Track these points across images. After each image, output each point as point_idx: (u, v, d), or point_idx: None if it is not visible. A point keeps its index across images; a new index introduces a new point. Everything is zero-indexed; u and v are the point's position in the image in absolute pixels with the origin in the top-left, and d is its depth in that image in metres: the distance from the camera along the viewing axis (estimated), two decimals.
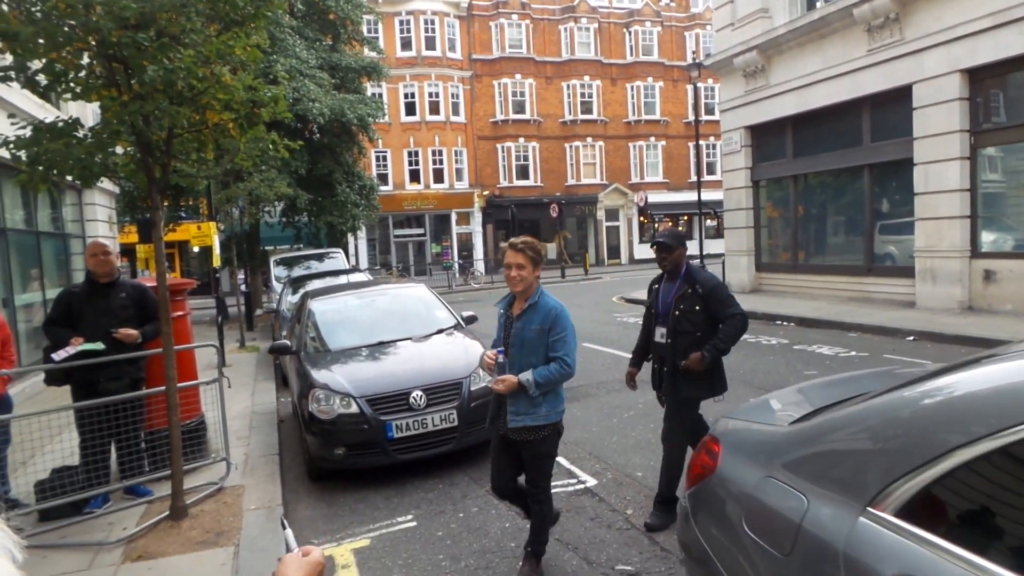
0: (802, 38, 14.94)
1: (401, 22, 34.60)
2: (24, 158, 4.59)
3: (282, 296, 12.97)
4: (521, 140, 36.93)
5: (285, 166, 16.83)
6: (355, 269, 16.61)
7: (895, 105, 13.19)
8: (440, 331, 6.97)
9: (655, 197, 38.52)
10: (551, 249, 37.52)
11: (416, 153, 35.52)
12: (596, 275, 31.67)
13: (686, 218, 39.54)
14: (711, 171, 36.98)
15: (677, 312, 4.47)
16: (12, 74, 4.70)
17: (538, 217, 36.94)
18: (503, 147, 36.81)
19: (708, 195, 22.57)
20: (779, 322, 13.17)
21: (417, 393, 5.74)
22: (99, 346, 5.13)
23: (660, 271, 4.71)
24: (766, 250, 17.55)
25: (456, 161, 36.10)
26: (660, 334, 4.64)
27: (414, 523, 4.92)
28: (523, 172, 37.16)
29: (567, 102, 37.81)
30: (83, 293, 5.42)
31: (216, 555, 4.41)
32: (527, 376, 3.67)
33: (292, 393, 7.61)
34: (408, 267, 35.19)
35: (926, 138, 12.45)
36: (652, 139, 39.20)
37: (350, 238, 27.86)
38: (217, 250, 12.86)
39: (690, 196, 34.17)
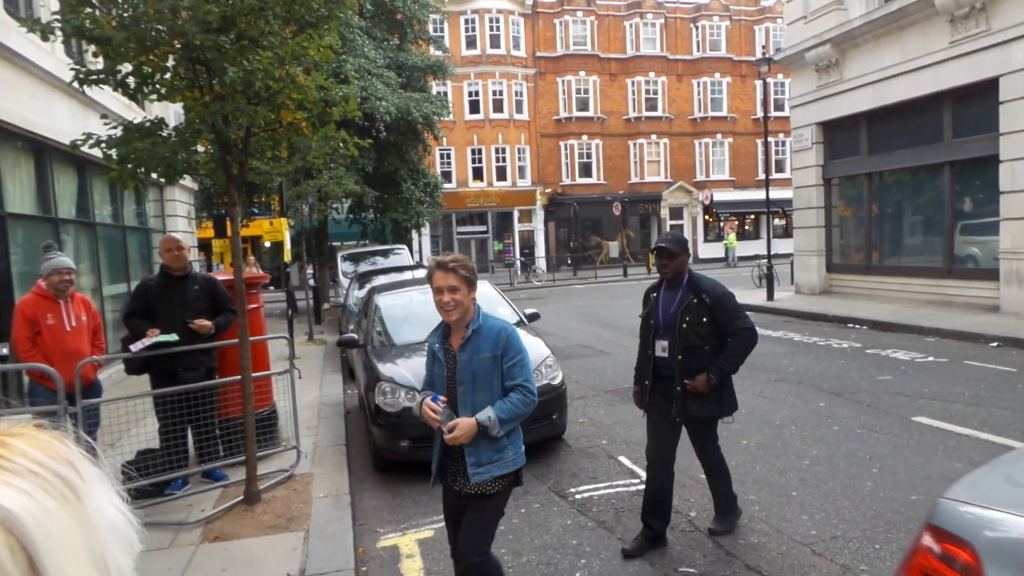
0: (879, 30, 14.37)
1: (466, 21, 34.90)
2: (115, 156, 4.86)
3: (349, 291, 13.29)
4: (584, 137, 36.74)
5: (352, 163, 17.21)
6: (419, 265, 16.86)
7: (979, 99, 12.55)
8: None
9: (721, 195, 37.74)
10: (613, 247, 37.25)
11: (479, 151, 35.79)
12: (656, 274, 31.22)
13: (753, 217, 38.62)
14: (780, 169, 35.99)
15: (684, 325, 4.10)
16: (104, 77, 4.99)
17: (600, 215, 36.70)
18: (566, 145, 36.71)
19: (776, 193, 21.95)
20: (851, 325, 12.73)
21: None
22: (173, 337, 5.38)
23: (660, 278, 4.37)
24: (838, 250, 16.98)
25: (519, 159, 36.21)
26: (661, 348, 4.21)
27: None
28: (586, 170, 36.98)
29: (631, 99, 37.41)
30: (159, 286, 5.69)
31: (287, 539, 4.58)
32: (487, 415, 3.02)
33: (359, 386, 7.81)
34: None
35: (1014, 134, 11.81)
36: (718, 136, 38.40)
37: (414, 235, 28.27)
38: (288, 245, 13.27)
39: (757, 194, 33.33)
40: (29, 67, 9.05)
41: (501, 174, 36.09)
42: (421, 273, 12.78)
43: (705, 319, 4.09)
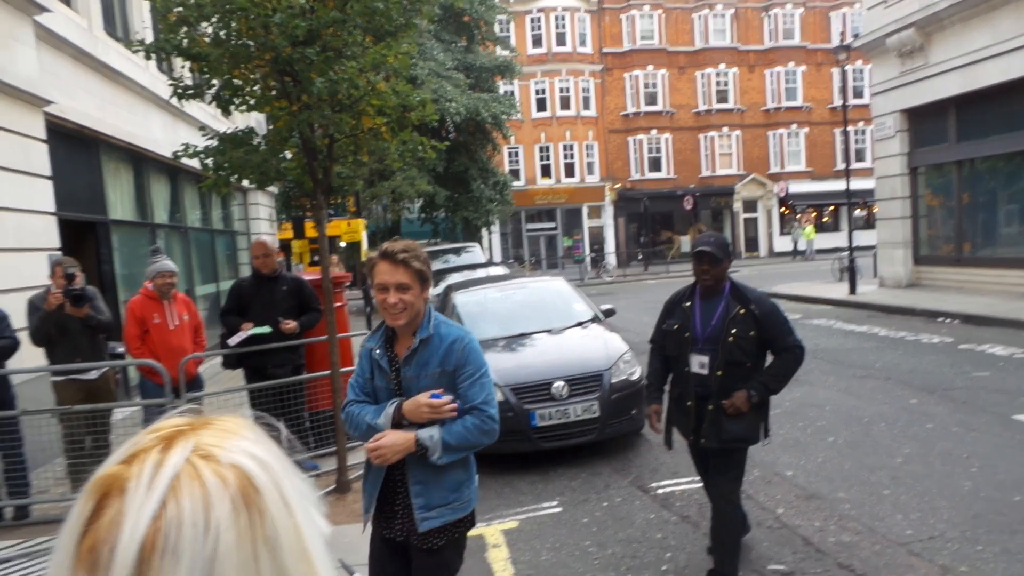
0: (967, 12, 13.63)
1: (532, 20, 34.97)
2: (211, 165, 5.15)
3: None
4: (653, 132, 36.26)
5: (423, 164, 17.58)
6: (491, 263, 17.06)
7: None
8: (579, 324, 7.06)
9: (797, 187, 36.55)
10: (684, 242, 36.62)
11: (547, 148, 35.82)
12: (733, 268, 30.42)
13: (832, 208, 37.25)
14: (860, 158, 34.58)
15: (730, 338, 3.60)
16: (198, 91, 5.29)
17: (671, 209, 36.16)
18: (634, 140, 36.32)
19: (857, 184, 21.15)
20: (941, 319, 12.15)
21: (559, 384, 5.87)
22: (266, 329, 5.68)
23: (690, 285, 3.90)
24: (925, 242, 16.21)
25: (587, 155, 36.05)
26: (699, 364, 3.71)
27: (559, 509, 5.05)
28: (655, 164, 36.49)
29: (701, 92, 36.67)
30: (251, 286, 6.01)
31: None
32: (431, 434, 2.41)
33: None
34: (540, 260, 35.58)
35: None
36: (793, 126, 37.19)
37: (484, 232, 28.60)
38: (365, 245, 13.66)
39: (835, 185, 32.15)
40: (127, 83, 9.64)
41: (569, 171, 36.02)
42: (496, 271, 12.94)
43: (752, 332, 3.61)
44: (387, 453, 2.39)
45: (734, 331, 3.60)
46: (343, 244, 20.47)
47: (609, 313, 7.46)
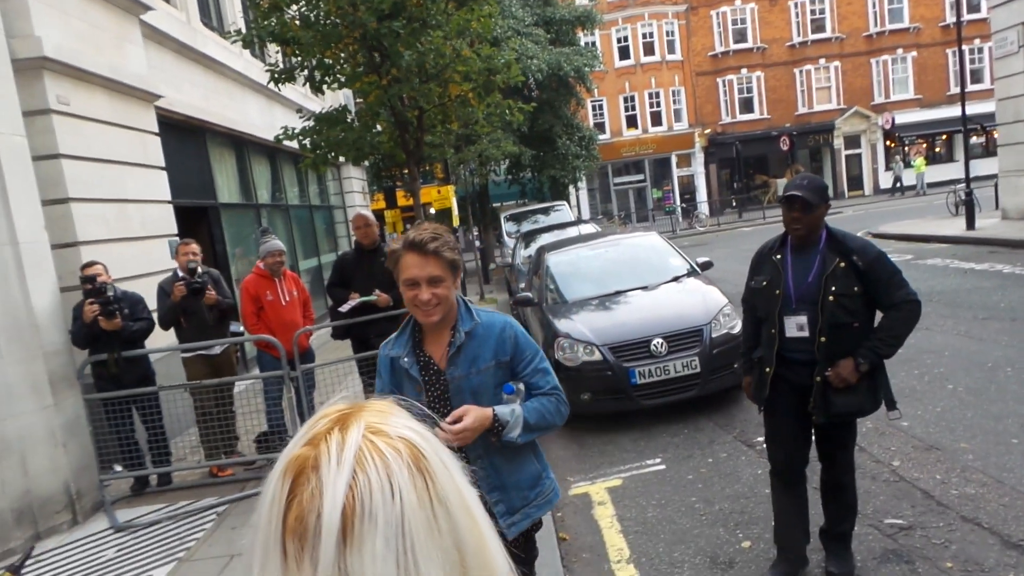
0: None
1: None
2: (308, 145, 5.37)
3: (515, 250, 13.68)
4: (744, 71, 34.56)
5: (508, 125, 17.54)
6: (580, 220, 16.96)
7: None
8: (675, 278, 6.96)
9: (904, 117, 34.02)
10: (781, 185, 35.02)
11: (632, 98, 34.88)
12: (836, 209, 29.00)
13: (944, 137, 34.52)
14: (976, 80, 31.72)
15: (831, 296, 3.10)
16: (293, 74, 5.49)
17: (765, 152, 34.59)
18: (724, 81, 34.76)
19: (973, 108, 19.45)
20: None
21: (658, 340, 5.83)
22: (372, 297, 5.93)
23: (783, 233, 3.35)
24: None
25: (674, 101, 34.87)
26: (796, 326, 3.21)
27: (663, 466, 5.08)
28: (747, 105, 34.86)
29: (795, 22, 34.48)
30: (353, 259, 6.25)
31: None
32: (511, 408, 2.20)
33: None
34: (630, 214, 35.02)
35: None
36: (899, 51, 34.46)
37: (571, 190, 28.38)
38: (456, 210, 13.87)
39: (948, 112, 29.77)
40: (225, 71, 10.08)
41: (656, 119, 35.00)
42: (587, 229, 12.87)
43: (856, 288, 3.10)
44: (471, 435, 2.11)
45: (834, 288, 3.10)
46: (433, 211, 20.87)
47: (706, 266, 7.30)
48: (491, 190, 23.93)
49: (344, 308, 6.01)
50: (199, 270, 5.67)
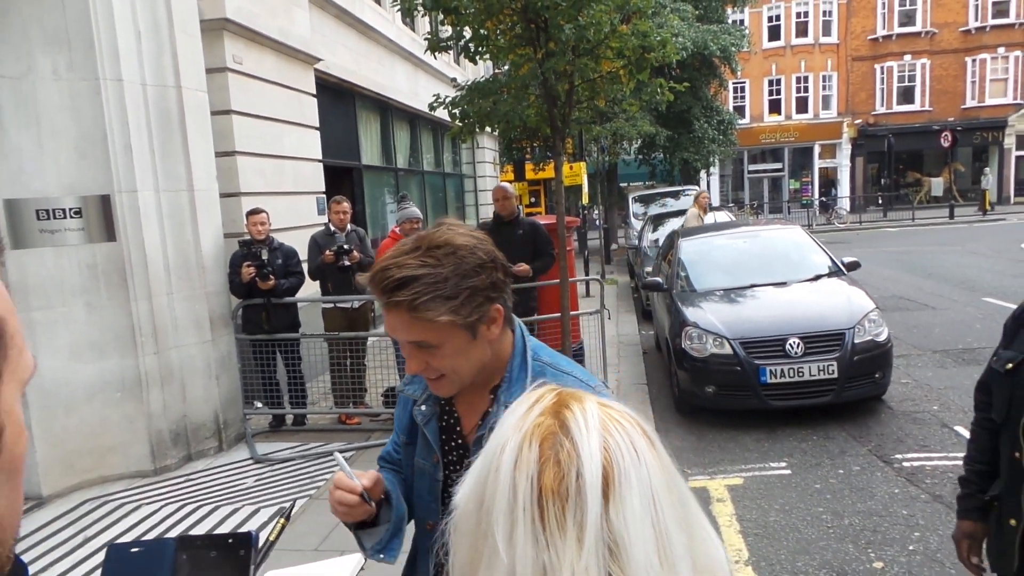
0: None
1: None
2: (458, 115, 5.48)
3: (642, 233, 13.45)
4: (907, 57, 31.87)
5: (644, 105, 17.12)
6: (711, 207, 16.40)
7: None
8: (818, 277, 6.61)
9: None
10: (936, 185, 32.28)
11: (778, 81, 33.10)
12: (999, 215, 26.41)
13: None
14: None
15: None
16: (448, 43, 5.60)
17: (922, 147, 31.94)
18: (882, 67, 32.23)
19: None
20: None
21: (794, 340, 5.57)
22: None
23: None
24: None
25: (824, 87, 32.77)
26: None
27: (788, 471, 4.88)
28: (906, 95, 32.19)
29: (972, 5, 31.29)
30: (491, 229, 6.35)
31: None
32: None
33: (658, 328, 7.98)
34: (762, 204, 33.50)
35: None
36: None
37: (702, 174, 27.43)
38: (586, 188, 13.80)
39: None
40: (378, 37, 10.46)
41: (801, 106, 33.08)
42: (721, 216, 12.45)
43: None
44: None
45: None
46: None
47: (852, 266, 6.87)
48: (620, 169, 23.58)
49: None
50: (346, 246, 5.99)
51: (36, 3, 4.65)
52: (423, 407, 1.47)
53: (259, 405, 6.18)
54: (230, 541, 0.64)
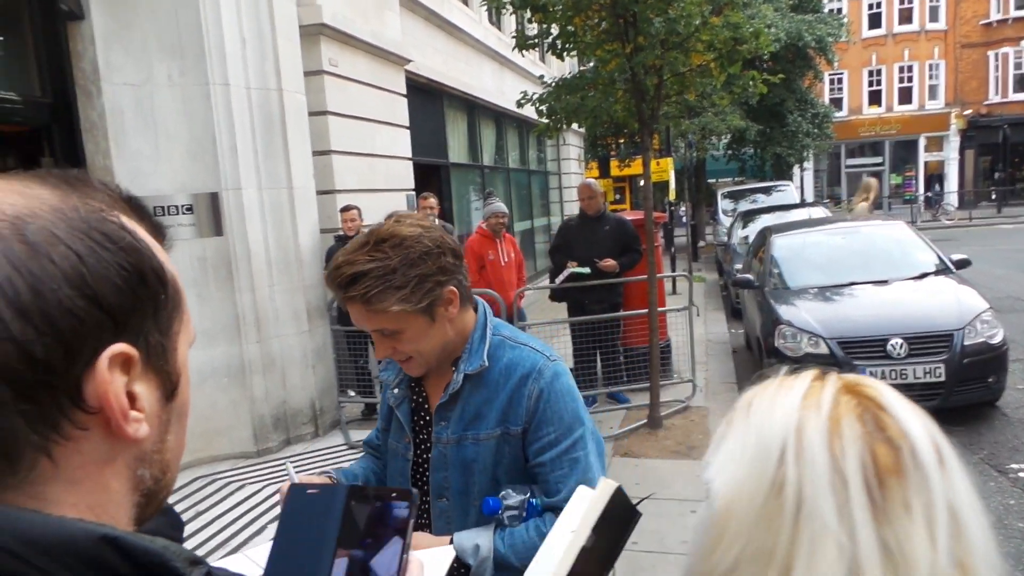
0: None
1: None
2: (545, 111, 5.50)
3: (732, 229, 13.11)
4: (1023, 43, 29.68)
5: (735, 99, 16.66)
6: (804, 203, 15.80)
7: None
8: (924, 275, 6.26)
9: None
10: None
11: (878, 72, 31.48)
12: None
13: None
14: None
15: None
16: (536, 40, 5.63)
17: None
18: (997, 54, 30.08)
19: None
20: None
21: (896, 341, 5.30)
22: (586, 270, 6.00)
23: None
24: None
25: (930, 76, 30.92)
26: None
27: None
28: (1023, 83, 29.94)
29: None
30: (576, 225, 6.37)
31: (691, 466, 4.86)
32: (478, 541, 1.40)
33: (749, 326, 7.76)
34: None
35: None
36: None
37: (796, 170, 26.42)
38: (673, 184, 13.57)
39: None
40: (465, 38, 10.63)
41: (904, 96, 31.34)
42: (816, 212, 11.98)
43: None
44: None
45: None
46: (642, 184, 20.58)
47: (962, 264, 6.46)
48: (709, 164, 23.04)
49: (558, 279, 6.17)
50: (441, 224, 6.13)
51: (154, 17, 4.99)
52: (396, 390, 1.56)
53: (352, 394, 6.40)
54: (394, 495, 0.68)
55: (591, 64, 6.20)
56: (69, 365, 0.46)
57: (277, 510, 4.56)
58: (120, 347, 0.49)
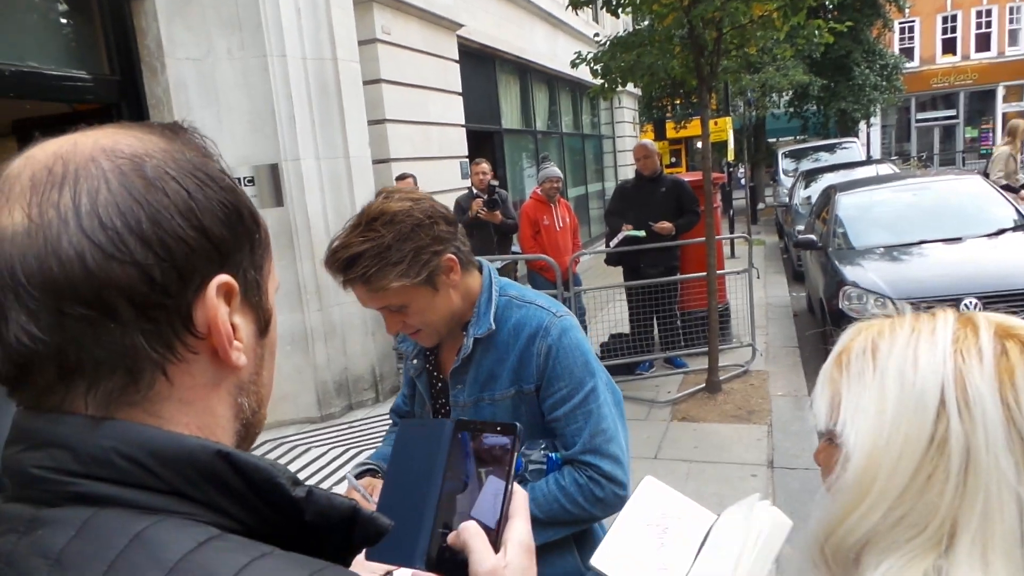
0: None
1: None
2: (600, 71, 5.40)
3: (793, 190, 12.70)
4: None
5: (799, 52, 15.95)
6: (871, 160, 15.15)
7: None
8: (1001, 231, 5.95)
9: None
10: None
11: (953, 18, 29.69)
12: None
13: None
14: None
15: None
16: None
17: None
18: None
19: None
20: None
21: (971, 300, 5.06)
22: (641, 233, 5.92)
23: None
24: None
25: (1010, 20, 29.00)
26: None
27: None
28: None
29: None
30: (632, 187, 6.28)
31: (750, 431, 4.81)
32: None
33: (811, 289, 7.55)
34: (931, 156, 30.43)
35: None
36: None
37: (861, 126, 25.29)
38: (731, 144, 13.20)
39: None
40: (518, 0, 10.47)
41: (983, 43, 29.51)
42: (884, 169, 11.48)
43: None
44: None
45: None
46: (699, 144, 20.03)
47: None
48: (769, 123, 22.28)
49: (613, 242, 6.11)
50: (495, 185, 6.15)
51: None
52: (414, 361, 1.61)
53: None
54: (498, 429, 0.71)
55: (647, 21, 6.03)
56: (182, 289, 0.50)
57: (342, 472, 4.72)
58: (225, 277, 0.53)
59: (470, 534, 0.67)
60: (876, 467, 0.61)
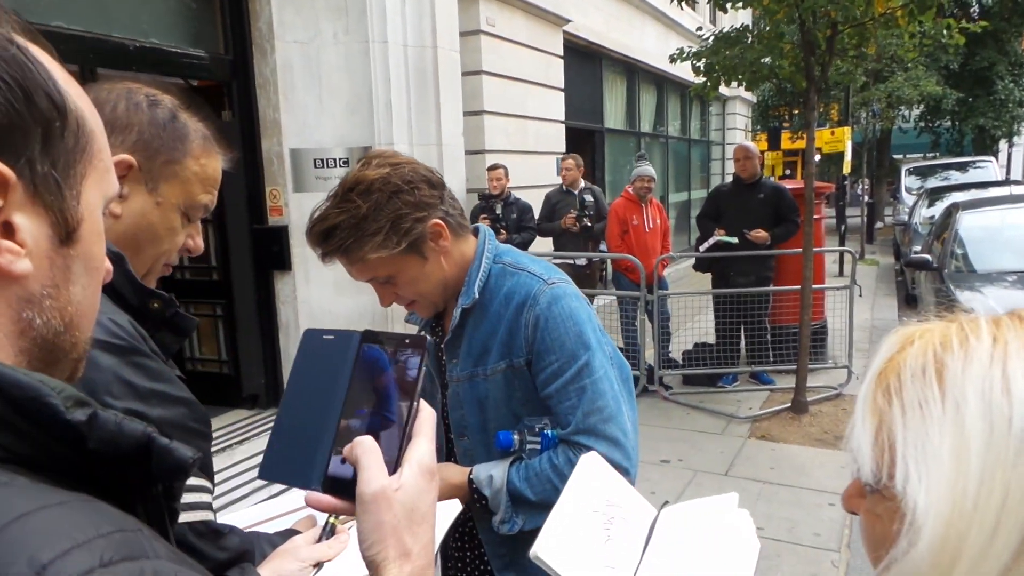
0: None
1: None
2: (702, 68, 5.19)
3: (915, 209, 11.83)
4: None
5: (934, 61, 14.83)
6: (1010, 180, 13.90)
7: None
8: None
9: None
10: None
11: None
12: None
13: None
14: None
15: None
16: None
17: None
18: None
19: None
20: None
21: None
22: (733, 240, 5.65)
23: None
24: None
25: None
26: None
27: None
28: None
29: None
30: (729, 191, 6.02)
31: (834, 457, 4.49)
32: (492, 472, 1.38)
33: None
34: None
35: None
36: None
37: (1002, 145, 23.25)
38: (849, 156, 12.46)
39: None
40: None
41: None
42: (1020, 189, 10.49)
43: None
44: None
45: None
46: (817, 156, 19.01)
47: None
48: (895, 138, 20.88)
49: (703, 247, 5.88)
50: (588, 199, 6.09)
51: None
52: (422, 332, 1.52)
53: None
54: (407, 341, 0.66)
55: (758, 16, 5.75)
56: None
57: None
58: None
59: (363, 450, 0.61)
60: (960, 541, 0.45)
